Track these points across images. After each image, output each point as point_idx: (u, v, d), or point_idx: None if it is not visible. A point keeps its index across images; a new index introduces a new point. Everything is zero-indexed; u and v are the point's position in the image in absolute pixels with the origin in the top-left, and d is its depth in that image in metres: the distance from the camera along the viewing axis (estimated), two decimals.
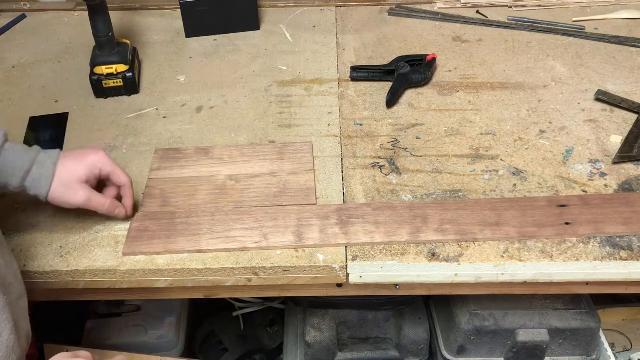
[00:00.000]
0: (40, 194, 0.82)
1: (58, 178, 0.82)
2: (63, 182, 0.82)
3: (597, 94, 1.14)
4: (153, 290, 0.90)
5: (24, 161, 0.80)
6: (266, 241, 0.87)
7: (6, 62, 1.29)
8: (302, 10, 1.46)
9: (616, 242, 0.87)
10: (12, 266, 0.74)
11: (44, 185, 0.81)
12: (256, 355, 1.41)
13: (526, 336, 1.05)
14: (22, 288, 0.75)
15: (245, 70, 1.25)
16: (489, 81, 1.20)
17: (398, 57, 1.22)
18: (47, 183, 0.81)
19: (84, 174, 0.83)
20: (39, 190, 0.81)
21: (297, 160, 1.01)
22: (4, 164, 0.79)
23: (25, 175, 0.80)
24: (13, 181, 0.80)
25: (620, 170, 0.99)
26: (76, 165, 0.83)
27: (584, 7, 1.44)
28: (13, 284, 0.72)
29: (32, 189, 0.81)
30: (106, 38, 1.13)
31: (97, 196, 0.85)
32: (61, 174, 0.82)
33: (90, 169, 0.83)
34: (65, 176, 0.82)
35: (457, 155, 1.02)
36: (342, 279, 0.87)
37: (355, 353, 1.15)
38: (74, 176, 0.82)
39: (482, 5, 1.45)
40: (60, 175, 0.82)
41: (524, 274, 0.86)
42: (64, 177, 0.82)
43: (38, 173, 0.81)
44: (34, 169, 0.81)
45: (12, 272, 0.73)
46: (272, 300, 1.38)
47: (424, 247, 0.87)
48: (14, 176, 0.80)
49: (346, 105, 1.14)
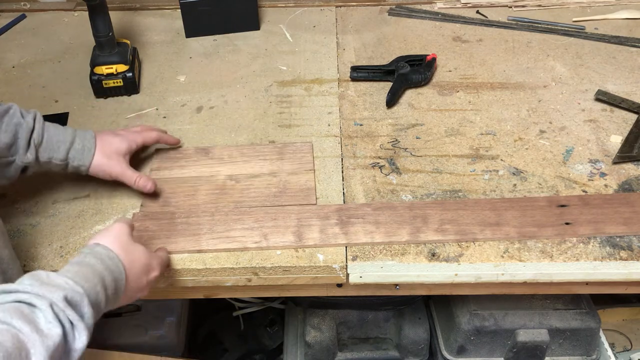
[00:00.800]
0: (83, 164, 0.87)
1: (100, 149, 0.88)
2: (105, 153, 0.89)
3: (597, 94, 1.14)
4: (153, 291, 0.90)
5: (66, 135, 0.86)
6: (266, 241, 0.87)
7: (6, 62, 1.29)
8: (302, 10, 1.46)
9: (616, 242, 0.87)
10: (16, 263, 0.75)
11: (87, 157, 0.87)
12: (256, 355, 1.41)
13: (526, 336, 1.05)
14: None
15: (245, 70, 1.25)
16: (489, 81, 1.20)
17: (398, 57, 1.23)
18: (89, 154, 0.87)
19: (124, 147, 0.91)
20: (82, 161, 0.87)
21: (297, 160, 1.01)
22: (49, 140, 0.85)
23: (69, 146, 0.86)
24: (59, 154, 0.85)
25: (620, 170, 0.99)
26: (116, 140, 0.90)
27: (584, 7, 1.44)
28: (15, 277, 0.72)
29: (76, 160, 0.87)
30: (106, 38, 1.13)
31: (130, 170, 0.91)
32: (102, 146, 0.89)
33: (127, 144, 0.91)
34: (106, 148, 0.89)
35: (457, 155, 1.02)
36: (342, 279, 0.87)
37: (355, 353, 1.15)
38: (116, 149, 0.90)
39: (482, 5, 1.45)
40: (102, 147, 0.89)
41: (524, 274, 0.86)
42: (106, 149, 0.89)
43: (81, 144, 0.87)
44: (77, 141, 0.87)
45: (15, 267, 0.74)
46: (272, 300, 1.38)
47: (424, 247, 0.87)
48: (59, 149, 0.85)
49: (346, 105, 1.14)
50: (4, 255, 0.71)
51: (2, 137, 0.80)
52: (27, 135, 0.82)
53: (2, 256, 0.71)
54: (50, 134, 0.85)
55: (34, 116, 0.84)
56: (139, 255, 0.73)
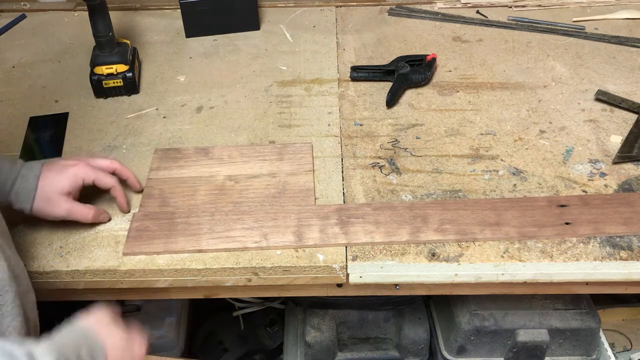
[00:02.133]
0: (25, 207, 0.83)
1: (40, 191, 0.83)
2: (45, 195, 0.83)
3: (597, 94, 1.14)
4: (153, 290, 0.90)
5: (9, 176, 0.82)
6: (266, 241, 0.87)
7: (6, 62, 1.29)
8: (302, 10, 1.46)
9: (616, 242, 0.87)
10: (19, 262, 0.75)
11: (27, 200, 0.82)
12: (256, 355, 1.41)
13: (526, 336, 1.05)
14: (29, 283, 0.76)
15: (245, 70, 1.25)
16: (489, 81, 1.20)
17: (398, 57, 1.22)
18: (29, 197, 0.82)
19: (66, 185, 0.84)
20: (22, 205, 0.83)
21: (296, 161, 1.01)
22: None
23: (9, 189, 0.82)
24: None
25: (620, 170, 0.99)
26: (58, 178, 0.84)
27: (584, 7, 1.44)
28: (20, 276, 0.73)
29: (17, 203, 0.83)
30: (106, 38, 1.13)
31: (79, 207, 0.86)
32: (43, 187, 0.83)
33: (72, 181, 0.84)
34: (46, 189, 0.83)
35: (457, 155, 1.02)
36: (342, 279, 0.87)
37: (355, 353, 1.15)
38: (56, 189, 0.83)
39: (482, 5, 1.45)
40: (43, 189, 0.83)
41: (524, 274, 0.86)
42: (46, 190, 0.83)
43: (21, 187, 0.82)
44: (17, 183, 0.82)
45: (19, 266, 0.74)
46: (272, 300, 1.38)
47: (424, 247, 0.87)
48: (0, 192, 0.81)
49: (346, 105, 1.14)
50: (9, 254, 0.72)
51: None
52: None
53: (8, 255, 0.71)
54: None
55: None
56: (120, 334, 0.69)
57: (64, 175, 0.84)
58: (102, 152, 1.04)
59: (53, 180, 0.83)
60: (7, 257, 0.70)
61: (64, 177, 0.84)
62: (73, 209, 0.85)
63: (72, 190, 0.85)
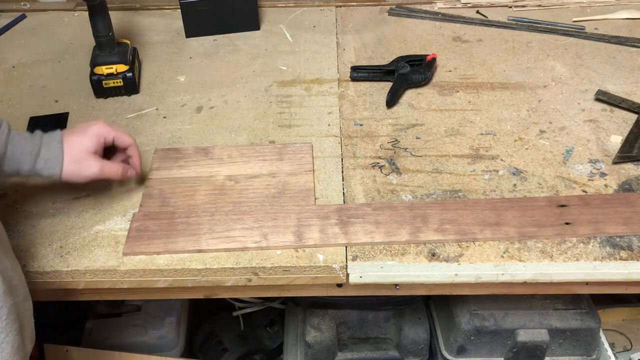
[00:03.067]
0: (54, 173, 0.84)
1: (68, 155, 0.84)
2: (74, 157, 0.84)
3: (597, 94, 1.14)
4: (153, 290, 0.90)
5: (32, 146, 0.82)
6: (266, 241, 0.87)
7: (6, 62, 1.29)
8: (302, 10, 1.46)
9: (616, 242, 0.87)
10: (17, 269, 0.74)
11: (56, 165, 0.83)
12: (256, 355, 1.41)
13: (526, 336, 1.05)
14: (26, 291, 0.75)
15: (245, 70, 1.25)
16: (489, 81, 1.20)
17: (398, 57, 1.22)
18: (58, 162, 0.83)
19: (91, 145, 0.85)
20: (52, 171, 0.84)
21: (296, 161, 1.01)
22: (14, 152, 0.81)
23: (35, 158, 0.82)
24: (25, 166, 0.82)
25: (620, 170, 0.99)
26: (82, 139, 0.85)
27: (584, 7, 1.44)
28: (18, 286, 0.72)
29: (45, 170, 0.83)
30: (106, 38, 1.13)
31: (108, 164, 0.88)
32: (70, 150, 0.84)
33: (95, 140, 0.86)
34: (74, 151, 0.84)
35: (457, 155, 1.02)
36: (342, 279, 0.87)
37: (355, 353, 1.15)
38: (83, 150, 0.85)
39: (482, 5, 1.45)
40: (70, 152, 0.84)
41: (524, 274, 0.86)
42: (74, 152, 0.84)
43: (47, 154, 0.83)
44: (43, 151, 0.83)
45: (17, 274, 0.73)
46: (272, 300, 1.38)
47: (424, 247, 0.87)
48: (24, 162, 0.82)
49: (346, 105, 1.14)
50: (6, 264, 0.71)
51: None
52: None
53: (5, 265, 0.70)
54: (15, 145, 0.81)
55: None
56: None
57: (87, 135, 0.86)
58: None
59: (78, 142, 0.85)
60: (3, 270, 0.69)
61: (88, 137, 0.86)
62: (104, 166, 0.87)
63: (97, 149, 0.86)
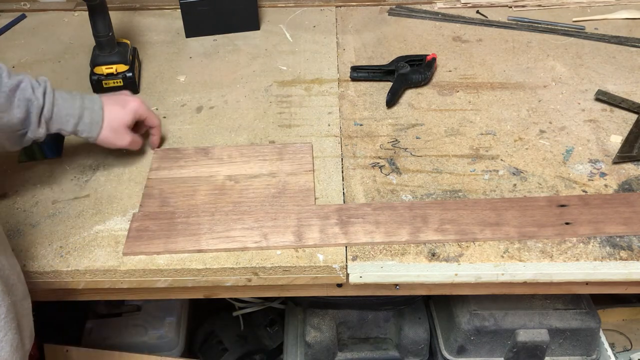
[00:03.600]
0: (91, 136, 0.92)
1: (107, 123, 0.92)
2: (112, 127, 0.93)
3: (597, 94, 1.14)
4: (153, 290, 0.90)
5: (75, 108, 0.89)
6: (266, 241, 0.87)
7: (6, 62, 1.28)
8: (302, 10, 1.46)
9: (616, 242, 0.87)
10: (15, 268, 0.74)
11: (95, 129, 0.91)
12: (256, 355, 1.41)
13: (526, 336, 1.05)
14: (25, 289, 0.75)
15: (245, 70, 1.25)
16: (489, 81, 1.20)
17: (398, 57, 1.22)
18: (97, 127, 0.91)
19: (129, 120, 0.94)
20: (90, 134, 0.91)
21: (296, 161, 1.01)
22: (59, 114, 0.88)
23: (78, 121, 0.89)
24: (67, 127, 0.89)
25: (620, 170, 0.99)
26: (122, 113, 0.93)
27: (584, 7, 1.44)
28: (16, 284, 0.72)
29: (84, 132, 0.91)
30: (106, 38, 1.13)
31: (137, 139, 0.98)
32: (110, 120, 0.92)
33: (133, 116, 0.95)
34: (113, 122, 0.93)
35: (457, 155, 1.02)
36: (342, 279, 0.87)
37: (355, 353, 1.15)
38: (121, 122, 0.93)
39: (482, 5, 1.45)
40: (109, 121, 0.92)
41: (524, 274, 0.86)
42: (113, 123, 0.93)
43: (89, 118, 0.90)
44: (86, 115, 0.90)
45: (15, 273, 0.73)
46: (272, 300, 1.38)
47: (424, 247, 0.87)
48: (67, 123, 0.89)
49: (346, 105, 1.14)
50: (3, 263, 0.71)
51: (16, 112, 0.82)
52: (37, 112, 0.85)
53: (2, 264, 0.70)
54: (60, 107, 0.87)
55: (44, 90, 0.86)
56: None
57: (127, 110, 0.94)
58: (102, 152, 1.04)
59: (118, 114, 0.93)
60: (0, 268, 0.69)
61: (127, 111, 0.94)
62: (134, 140, 0.97)
63: (132, 124, 0.95)
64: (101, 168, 1.01)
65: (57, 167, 1.01)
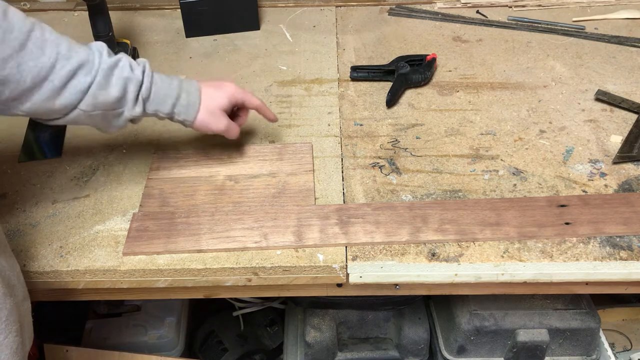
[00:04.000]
0: (188, 119, 0.88)
1: (204, 106, 0.89)
2: (209, 110, 0.89)
3: (597, 94, 1.14)
4: (153, 290, 0.90)
5: (172, 89, 0.86)
6: (266, 241, 0.87)
7: None
8: (302, 10, 1.46)
9: (616, 242, 0.87)
10: (15, 268, 0.74)
11: (192, 112, 0.88)
12: (256, 355, 1.41)
13: (526, 336, 1.05)
14: (25, 290, 0.75)
15: (245, 70, 1.25)
16: (489, 81, 1.20)
17: (398, 57, 1.22)
18: (194, 110, 0.88)
19: (226, 103, 0.91)
20: (187, 117, 0.88)
21: (296, 161, 1.01)
22: (157, 95, 0.84)
23: (175, 102, 0.86)
24: (165, 108, 0.86)
25: (620, 170, 0.99)
26: (218, 95, 0.90)
27: (584, 7, 1.44)
28: (17, 286, 0.72)
29: (181, 114, 0.88)
30: (106, 38, 1.13)
31: (233, 126, 0.93)
32: (207, 103, 0.89)
33: (230, 99, 0.91)
34: (210, 105, 0.89)
35: (457, 155, 1.02)
36: (342, 279, 0.87)
37: (355, 353, 1.15)
38: (218, 105, 0.90)
39: (482, 5, 1.45)
40: (206, 104, 0.89)
41: (524, 274, 0.86)
42: (210, 105, 0.89)
43: (187, 100, 0.87)
44: (183, 97, 0.87)
45: (15, 274, 0.73)
46: (272, 300, 1.38)
47: (424, 247, 0.87)
48: (165, 104, 0.85)
49: (346, 105, 1.14)
50: (3, 264, 0.71)
51: (113, 90, 0.79)
52: (135, 90, 0.81)
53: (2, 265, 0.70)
54: (158, 87, 0.84)
55: (143, 69, 0.82)
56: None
57: (223, 93, 0.91)
58: (102, 152, 1.04)
59: (215, 96, 0.90)
60: (1, 270, 0.69)
61: (223, 94, 0.91)
62: (230, 125, 0.92)
63: (228, 108, 0.92)
64: (101, 168, 1.01)
65: (57, 167, 1.01)
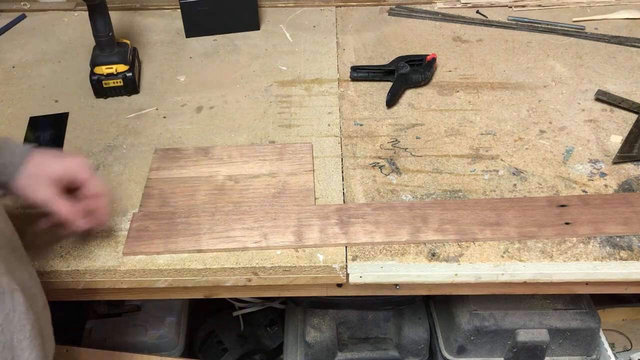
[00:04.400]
0: (4, 180, 0.77)
1: (28, 170, 0.77)
2: (32, 174, 0.77)
3: (597, 94, 1.14)
4: (153, 290, 0.90)
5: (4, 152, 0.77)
6: (266, 241, 0.87)
7: (6, 62, 1.29)
8: (302, 10, 1.46)
9: (616, 242, 0.87)
10: (33, 276, 0.72)
11: (10, 172, 0.76)
12: (256, 355, 1.41)
13: (526, 336, 1.05)
14: (44, 298, 0.73)
15: (245, 70, 1.25)
16: (489, 81, 1.20)
17: (398, 57, 1.22)
18: (13, 170, 0.76)
19: (58, 173, 0.78)
20: (5, 177, 0.77)
21: (296, 161, 1.01)
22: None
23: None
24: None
25: (620, 170, 0.99)
26: (51, 163, 0.78)
27: (584, 7, 1.44)
28: (37, 295, 0.71)
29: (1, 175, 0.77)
30: (106, 38, 1.13)
31: (62, 202, 0.78)
32: (33, 167, 0.77)
33: (64, 171, 0.79)
34: (36, 170, 0.77)
35: (457, 155, 1.02)
36: (342, 279, 0.87)
37: (355, 353, 1.15)
38: (46, 172, 0.77)
39: (482, 5, 1.45)
40: (32, 168, 0.77)
41: (524, 274, 0.86)
42: (35, 170, 0.77)
43: (8, 160, 0.77)
44: (6, 156, 0.77)
45: (35, 282, 0.72)
46: (272, 300, 1.38)
47: (424, 247, 0.87)
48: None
49: (346, 105, 1.14)
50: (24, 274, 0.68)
51: None
52: None
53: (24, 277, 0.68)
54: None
55: None
56: None
57: (59, 163, 0.79)
58: (102, 152, 1.04)
59: (47, 163, 0.78)
60: (22, 282, 0.65)
61: (59, 165, 0.78)
62: (56, 200, 0.77)
63: (62, 180, 0.78)
64: (101, 168, 1.01)
65: None
